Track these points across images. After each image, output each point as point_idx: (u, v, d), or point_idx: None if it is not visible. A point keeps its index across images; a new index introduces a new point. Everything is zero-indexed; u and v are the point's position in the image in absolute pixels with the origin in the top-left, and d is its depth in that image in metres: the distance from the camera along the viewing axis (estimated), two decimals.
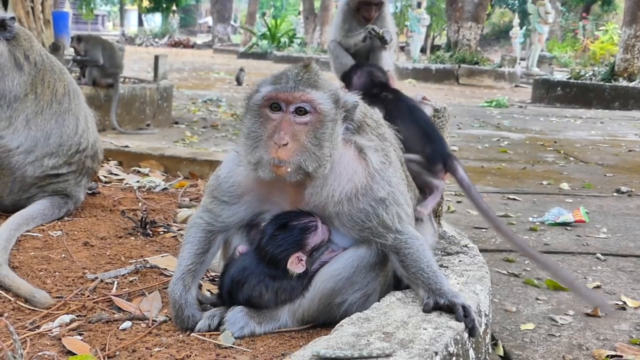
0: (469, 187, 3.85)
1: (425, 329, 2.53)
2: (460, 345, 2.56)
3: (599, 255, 5.54)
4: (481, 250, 5.36)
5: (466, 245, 3.64)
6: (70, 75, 4.90)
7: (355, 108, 2.93)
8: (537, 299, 4.58)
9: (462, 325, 2.62)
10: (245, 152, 2.92)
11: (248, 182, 3.02)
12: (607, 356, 3.72)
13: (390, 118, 3.62)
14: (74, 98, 4.74)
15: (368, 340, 2.39)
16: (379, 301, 2.86)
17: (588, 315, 4.31)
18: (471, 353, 2.68)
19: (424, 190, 3.79)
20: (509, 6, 65.12)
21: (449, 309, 2.70)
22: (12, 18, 4.60)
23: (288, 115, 2.80)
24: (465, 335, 2.63)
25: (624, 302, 4.54)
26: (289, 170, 2.79)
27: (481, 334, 2.84)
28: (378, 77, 4.09)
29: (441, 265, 3.29)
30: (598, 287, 4.82)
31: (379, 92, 3.97)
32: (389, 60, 5.75)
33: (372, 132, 3.06)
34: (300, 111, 2.80)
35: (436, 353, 2.36)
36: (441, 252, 3.57)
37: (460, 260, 3.40)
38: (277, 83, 2.85)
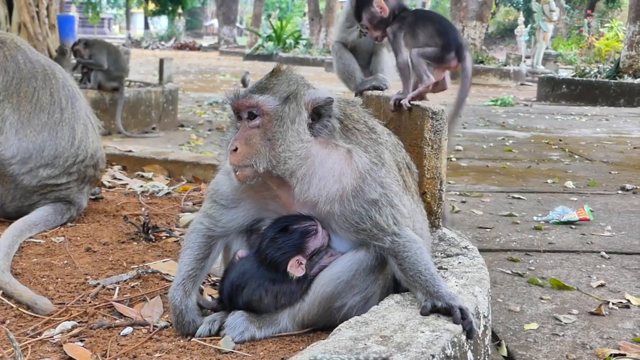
0: (467, 77, 4.38)
1: (423, 332, 2.53)
2: (458, 348, 2.56)
3: (603, 253, 5.53)
4: (485, 250, 5.41)
5: (466, 247, 3.64)
6: (68, 80, 4.86)
7: (329, 104, 2.96)
8: (541, 299, 4.57)
9: (459, 327, 2.62)
10: (223, 162, 3.06)
11: (242, 188, 3.05)
12: (611, 355, 3.71)
13: (411, 26, 4.31)
14: (67, 107, 4.69)
15: (365, 344, 2.40)
16: (378, 304, 2.87)
17: (592, 314, 4.31)
18: (469, 355, 2.68)
19: (416, 83, 4.30)
20: (514, 4, 65.06)
21: (447, 311, 2.70)
22: None
23: (244, 122, 2.93)
24: (463, 337, 2.63)
25: (628, 300, 4.53)
26: (239, 173, 2.90)
27: (480, 335, 2.84)
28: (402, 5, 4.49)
29: (440, 267, 3.29)
30: (602, 285, 4.81)
31: (399, 13, 4.42)
32: (390, 64, 5.74)
33: (363, 136, 3.07)
34: (251, 115, 2.91)
35: (433, 356, 2.36)
36: (441, 254, 3.57)
37: (459, 262, 3.39)
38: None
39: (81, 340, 2.97)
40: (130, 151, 6.62)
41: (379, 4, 4.36)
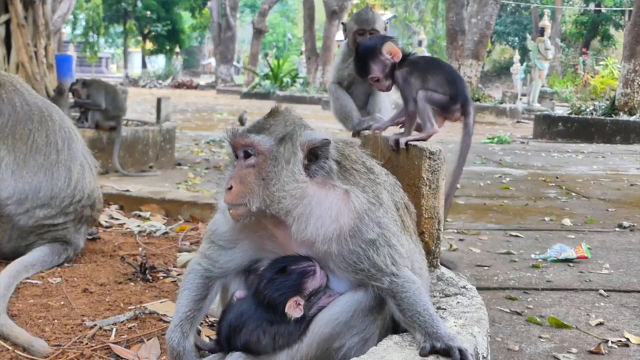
0: (468, 134, 4.35)
1: None
2: None
3: (601, 291, 5.51)
4: (483, 289, 5.40)
5: (464, 287, 3.63)
6: (65, 122, 4.87)
7: (325, 146, 2.96)
8: (540, 337, 4.55)
9: None
10: (220, 200, 3.04)
11: (239, 227, 3.05)
12: None
13: (422, 71, 4.26)
14: (64, 148, 4.71)
15: None
16: (376, 345, 2.85)
17: (591, 353, 4.28)
18: None
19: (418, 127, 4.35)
20: (509, 43, 65.65)
21: (446, 352, 2.69)
22: None
23: (240, 160, 2.95)
24: None
25: (627, 339, 4.50)
26: (233, 211, 2.91)
27: None
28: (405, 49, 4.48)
29: (439, 307, 3.28)
30: (601, 323, 4.79)
31: (408, 55, 4.40)
32: (388, 104, 5.76)
33: (361, 176, 3.08)
34: (247, 154, 2.93)
35: None
36: (439, 293, 3.56)
37: (458, 302, 3.39)
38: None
39: None
40: (127, 190, 6.62)
41: (389, 49, 4.28)
